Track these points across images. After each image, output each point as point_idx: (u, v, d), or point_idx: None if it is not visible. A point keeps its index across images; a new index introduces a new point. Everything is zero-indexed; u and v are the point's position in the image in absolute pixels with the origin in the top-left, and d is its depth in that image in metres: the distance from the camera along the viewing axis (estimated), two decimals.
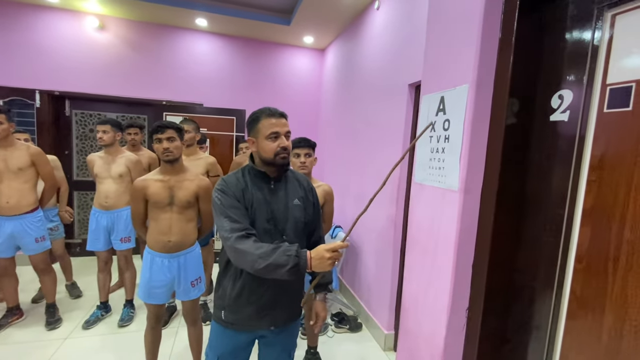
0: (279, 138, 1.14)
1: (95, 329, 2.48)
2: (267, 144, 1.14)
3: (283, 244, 1.04)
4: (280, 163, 1.16)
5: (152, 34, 3.70)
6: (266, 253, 1.00)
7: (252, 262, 1.01)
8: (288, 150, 1.17)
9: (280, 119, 1.16)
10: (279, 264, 0.98)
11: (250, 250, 1.01)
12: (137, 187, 1.75)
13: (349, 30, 3.37)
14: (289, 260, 0.99)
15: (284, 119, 1.18)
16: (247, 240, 1.04)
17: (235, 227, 1.06)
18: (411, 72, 2.16)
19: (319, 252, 1.00)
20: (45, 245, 2.44)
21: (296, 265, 0.99)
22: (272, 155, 1.14)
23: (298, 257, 1.00)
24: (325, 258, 0.99)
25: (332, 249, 1.00)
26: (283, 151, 1.15)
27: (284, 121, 1.17)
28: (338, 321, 2.70)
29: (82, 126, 3.75)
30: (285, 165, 1.19)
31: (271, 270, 1.00)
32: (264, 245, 1.03)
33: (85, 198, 3.83)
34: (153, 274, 1.78)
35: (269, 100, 4.07)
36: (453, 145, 1.01)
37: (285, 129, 1.16)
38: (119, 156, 2.51)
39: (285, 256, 0.99)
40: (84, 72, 3.53)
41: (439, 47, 1.13)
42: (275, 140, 1.14)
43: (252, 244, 1.03)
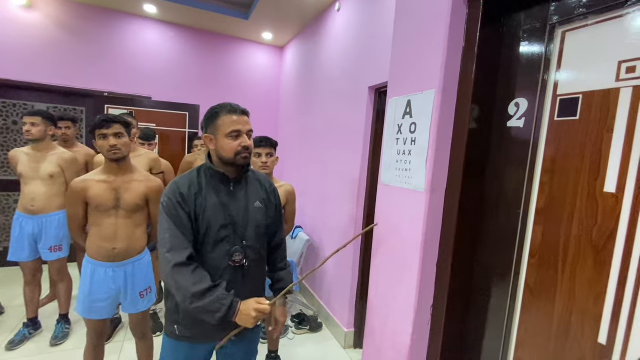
0: (240, 137, 1.08)
1: (21, 349, 2.17)
2: (228, 142, 1.07)
3: (218, 287, 1.02)
4: (241, 163, 1.10)
5: (92, 18, 3.33)
6: (199, 294, 0.98)
7: (184, 297, 0.99)
8: (250, 150, 1.11)
9: (242, 116, 1.10)
10: (210, 310, 0.98)
11: (185, 285, 0.99)
12: (76, 188, 1.55)
13: (310, 29, 3.35)
14: (220, 308, 0.98)
15: (246, 116, 1.11)
16: (186, 269, 1.00)
17: (176, 246, 1.02)
18: (372, 75, 2.20)
19: (248, 309, 1.01)
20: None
21: (225, 315, 0.99)
22: (232, 155, 1.08)
23: (230, 308, 0.99)
24: (251, 316, 1.00)
25: (260, 310, 1.01)
26: (244, 151, 1.08)
27: (246, 119, 1.11)
28: (299, 322, 2.67)
29: (3, 117, 3.25)
30: (246, 166, 1.13)
31: (200, 312, 0.99)
32: (199, 280, 1.00)
33: (7, 200, 3.33)
34: (94, 286, 1.59)
35: (225, 96, 3.90)
36: (419, 148, 1.04)
37: (248, 127, 1.10)
38: (50, 153, 2.21)
39: (219, 304, 0.99)
40: (7, 56, 3.07)
41: (405, 52, 1.15)
42: (237, 139, 1.07)
43: (189, 276, 1.00)
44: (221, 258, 1.08)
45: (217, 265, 1.09)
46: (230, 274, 1.11)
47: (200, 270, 1.02)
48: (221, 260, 1.09)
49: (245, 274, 1.14)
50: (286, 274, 1.33)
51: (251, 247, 1.15)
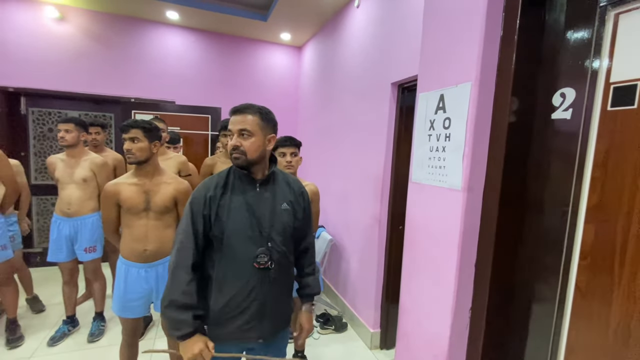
0: (232, 137, 1.08)
1: (62, 345, 2.27)
2: (226, 141, 1.12)
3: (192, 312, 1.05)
4: (235, 163, 1.10)
5: (119, 27, 3.45)
6: (178, 304, 1.04)
7: (166, 297, 1.05)
8: (241, 150, 1.07)
9: (234, 115, 1.09)
10: (174, 324, 1.04)
11: (173, 288, 1.05)
12: (109, 192, 1.60)
13: (328, 28, 3.33)
14: (181, 329, 1.03)
15: (238, 115, 1.08)
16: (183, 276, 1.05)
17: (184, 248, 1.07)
18: (395, 71, 2.15)
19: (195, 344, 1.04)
20: (7, 255, 2.20)
21: (180, 337, 1.04)
22: (230, 155, 1.10)
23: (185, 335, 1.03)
24: (190, 350, 1.03)
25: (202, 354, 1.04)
26: (233, 151, 1.08)
27: (238, 118, 1.08)
28: (323, 322, 2.66)
29: (40, 125, 3.43)
30: (242, 167, 1.10)
31: (166, 318, 1.06)
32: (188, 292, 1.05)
33: (45, 204, 3.51)
34: (128, 286, 1.64)
35: (245, 97, 3.94)
36: (455, 144, 0.99)
37: (238, 126, 1.07)
38: (83, 158, 2.30)
39: (183, 325, 1.03)
40: (42, 67, 3.23)
41: (436, 45, 1.11)
42: (231, 139, 1.09)
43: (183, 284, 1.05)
44: (246, 260, 1.08)
45: (243, 267, 1.09)
46: (256, 276, 1.10)
47: (194, 285, 1.07)
48: (246, 262, 1.08)
49: (271, 277, 1.12)
50: (313, 280, 1.30)
51: (277, 249, 1.13)
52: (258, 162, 1.11)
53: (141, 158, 1.57)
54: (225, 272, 1.10)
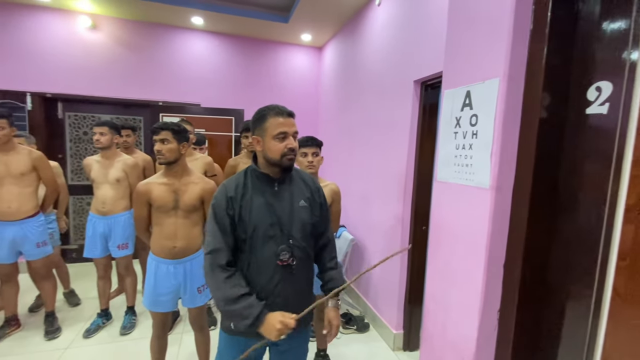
0: (286, 138, 1.09)
1: (96, 337, 2.40)
2: (274, 144, 1.09)
3: (253, 295, 1.06)
4: (287, 165, 1.12)
5: (147, 34, 3.61)
6: (232, 298, 1.04)
7: (218, 298, 1.06)
8: (295, 152, 1.12)
9: (289, 118, 1.11)
10: (240, 315, 1.03)
11: (221, 284, 1.05)
12: (140, 191, 1.68)
13: (348, 27, 3.33)
14: (249, 316, 1.02)
15: (292, 118, 1.13)
16: (224, 273, 1.07)
17: (216, 248, 1.09)
18: (417, 69, 2.12)
19: (274, 320, 1.03)
20: (47, 250, 2.36)
21: (253, 324, 1.03)
22: (278, 157, 1.10)
23: (257, 318, 1.03)
24: (275, 328, 1.01)
25: (284, 323, 1.02)
26: (290, 152, 1.10)
27: (292, 121, 1.12)
28: (345, 322, 2.66)
29: (75, 129, 3.64)
30: (290, 167, 1.14)
31: (230, 315, 1.07)
32: (235, 284, 1.05)
33: (80, 203, 3.72)
34: (158, 281, 1.71)
35: (267, 98, 4.01)
36: (482, 141, 0.97)
37: (294, 129, 1.11)
38: (116, 160, 2.42)
39: (248, 312, 1.03)
40: (76, 73, 3.42)
41: (462, 41, 1.09)
42: (283, 141, 1.09)
43: (227, 280, 1.06)
44: (269, 257, 1.11)
45: (266, 265, 1.12)
46: (279, 273, 1.13)
47: (237, 276, 1.08)
48: (270, 260, 1.11)
49: (293, 273, 1.15)
50: (337, 274, 1.31)
51: (298, 246, 1.15)
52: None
53: (171, 159, 1.64)
54: (250, 270, 1.13)
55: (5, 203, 2.16)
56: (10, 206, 2.18)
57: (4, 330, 2.32)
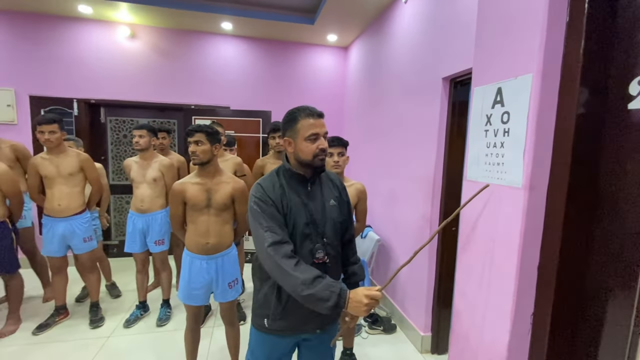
0: (318, 139, 1.11)
1: (135, 327, 2.56)
2: (306, 145, 1.10)
3: (325, 276, 1.02)
4: (318, 165, 1.13)
5: (180, 41, 3.79)
6: (309, 281, 0.99)
7: (293, 285, 1.00)
8: (326, 152, 1.14)
9: (319, 119, 1.12)
10: (321, 298, 0.98)
11: (293, 272, 1.00)
12: (176, 190, 1.77)
13: (374, 26, 3.31)
14: (331, 296, 0.98)
15: (322, 119, 1.14)
16: (290, 259, 1.03)
17: (277, 240, 1.05)
18: (446, 66, 2.07)
19: (358, 296, 0.99)
20: (92, 245, 2.56)
21: (336, 304, 0.98)
22: (310, 157, 1.11)
23: (339, 296, 0.98)
24: (362, 303, 0.98)
25: (371, 296, 0.98)
26: (322, 153, 1.12)
27: (323, 121, 1.13)
28: (372, 322, 2.65)
29: (116, 132, 3.90)
30: (322, 167, 1.16)
31: (311, 300, 0.99)
32: (306, 269, 1.02)
33: (120, 201, 3.98)
34: (192, 276, 1.80)
35: (293, 99, 4.07)
36: (515, 139, 0.94)
37: (324, 129, 1.13)
38: (153, 161, 2.57)
39: (329, 291, 0.98)
40: (117, 80, 3.66)
41: (492, 36, 1.06)
42: (315, 142, 1.10)
43: (295, 265, 1.02)
44: (306, 256, 1.12)
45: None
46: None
47: (303, 263, 1.05)
48: (306, 258, 1.12)
49: (327, 271, 1.16)
50: (358, 268, 1.34)
51: (330, 244, 1.18)
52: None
53: (204, 159, 1.72)
54: None
55: (56, 201, 2.37)
56: (60, 204, 2.37)
57: (54, 318, 2.53)
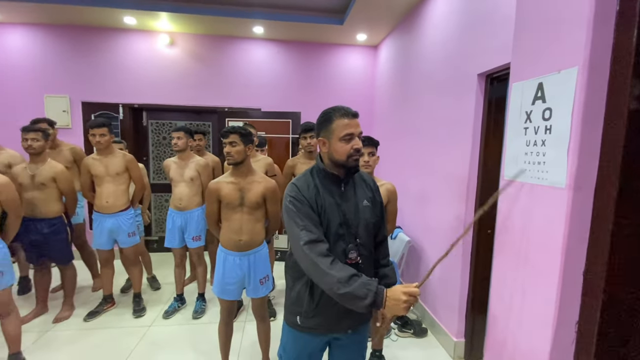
0: (352, 139, 1.10)
1: (173, 318, 2.71)
2: (341, 145, 1.10)
3: (361, 275, 1.02)
4: (352, 165, 1.13)
5: (214, 46, 3.95)
6: (345, 279, 0.98)
7: (330, 283, 1.00)
8: (361, 152, 1.13)
9: (354, 119, 1.12)
10: (358, 296, 0.97)
11: (329, 270, 1.00)
12: (212, 189, 1.86)
13: (405, 23, 3.25)
14: (368, 294, 0.97)
15: (357, 119, 1.13)
16: (326, 258, 1.03)
17: (313, 239, 1.05)
18: (481, 61, 2.00)
19: (396, 294, 0.97)
20: (136, 240, 2.74)
21: (373, 302, 0.97)
22: (345, 157, 1.11)
23: (376, 294, 0.98)
24: (401, 301, 0.96)
25: (410, 293, 0.96)
26: (356, 153, 1.11)
27: (357, 121, 1.13)
28: (401, 325, 2.61)
29: (156, 134, 4.14)
30: (356, 167, 1.15)
31: (348, 299, 0.99)
32: (342, 268, 1.02)
33: (160, 199, 4.22)
34: (226, 271, 1.88)
35: (323, 100, 4.10)
36: (557, 137, 0.89)
37: (359, 129, 1.12)
38: (190, 161, 2.71)
39: (365, 289, 0.98)
40: (157, 85, 3.90)
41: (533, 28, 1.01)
42: (349, 142, 1.10)
43: (332, 265, 1.01)
44: (339, 256, 1.12)
45: None
46: None
47: (338, 261, 1.05)
48: (339, 259, 1.11)
49: (359, 272, 1.14)
50: (390, 270, 1.31)
51: (363, 244, 1.17)
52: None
53: (238, 159, 1.79)
54: None
55: (104, 198, 2.57)
56: (108, 201, 2.57)
57: (102, 307, 2.74)
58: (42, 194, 2.44)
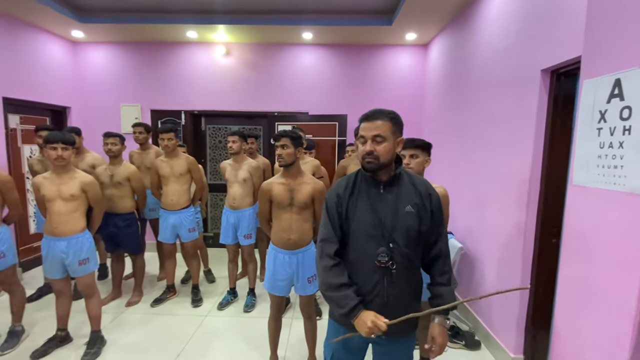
0: (365, 142, 1.13)
1: (226, 310, 2.89)
2: (359, 148, 1.17)
3: (353, 286, 1.14)
4: (367, 167, 1.14)
5: (265, 53, 4.15)
6: (334, 285, 1.14)
7: (322, 283, 1.19)
8: (374, 155, 1.11)
9: (367, 122, 1.14)
10: (338, 304, 1.13)
11: (326, 272, 1.17)
12: (264, 189, 1.96)
13: (458, 19, 3.11)
14: (345, 306, 1.10)
15: (373, 121, 1.12)
16: (330, 259, 1.17)
17: (325, 237, 1.21)
18: (546, 56, 1.84)
19: (365, 317, 1.08)
20: (195, 235, 2.99)
21: (347, 314, 1.10)
22: (361, 159, 1.16)
23: (352, 309, 1.10)
24: (365, 325, 1.07)
25: (375, 324, 1.05)
26: (367, 156, 1.12)
27: (373, 124, 1.12)
28: (452, 335, 2.49)
29: (213, 138, 4.46)
30: (374, 170, 1.14)
31: (330, 301, 1.18)
32: (338, 274, 1.15)
33: (215, 199, 4.53)
34: (276, 268, 1.97)
35: (371, 102, 4.08)
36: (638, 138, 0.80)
37: (371, 132, 1.11)
38: (243, 163, 2.88)
39: (345, 302, 1.11)
40: (213, 93, 4.20)
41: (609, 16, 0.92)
42: (363, 145, 1.14)
43: (332, 268, 1.16)
44: (368, 256, 1.14)
45: (365, 263, 1.15)
46: (377, 273, 1.14)
47: (341, 266, 1.17)
48: (368, 259, 1.14)
49: (392, 277, 1.14)
50: (446, 291, 1.21)
51: (399, 250, 1.14)
52: (388, 165, 1.16)
53: (289, 161, 1.87)
54: (352, 266, 1.19)
55: (169, 196, 2.83)
56: (172, 199, 2.83)
57: (165, 295, 3.01)
58: (118, 192, 2.77)
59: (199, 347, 2.39)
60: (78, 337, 2.41)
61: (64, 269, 2.19)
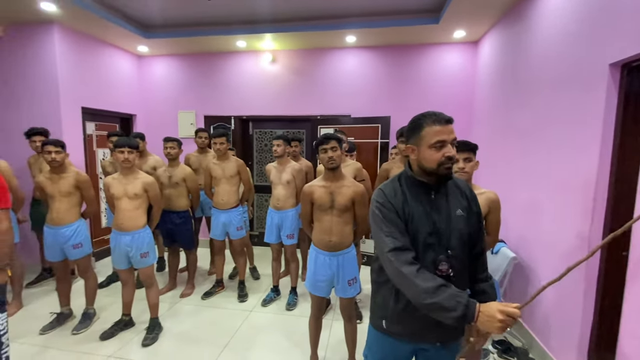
0: (444, 147, 1.05)
1: (270, 307, 3.00)
2: (431, 153, 1.05)
3: (451, 285, 0.98)
4: (444, 173, 1.07)
5: (309, 58, 4.25)
6: (432, 289, 0.96)
7: (415, 293, 1.00)
8: (453, 160, 1.06)
9: (447, 125, 1.06)
10: (446, 307, 0.94)
11: (414, 279, 0.99)
12: (306, 192, 2.01)
13: (512, 12, 2.91)
14: (457, 307, 0.93)
15: (450, 125, 1.07)
16: (412, 266, 1.02)
17: (398, 246, 1.05)
18: (615, 48, 1.66)
19: (491, 310, 0.91)
20: (242, 233, 3.16)
21: (464, 315, 0.92)
22: (435, 166, 1.06)
23: (467, 307, 0.93)
24: (496, 319, 0.90)
25: (507, 313, 0.89)
26: (448, 161, 1.05)
27: (451, 128, 1.06)
28: (502, 350, 2.33)
29: (259, 142, 4.66)
30: (448, 175, 1.08)
31: (435, 309, 0.96)
32: (428, 277, 1.00)
33: (260, 199, 4.72)
34: (317, 269, 2.00)
35: (415, 103, 3.97)
36: None
37: (452, 136, 1.06)
38: (287, 166, 2.97)
39: (455, 301, 0.94)
40: (260, 99, 4.40)
41: None
42: (440, 150, 1.04)
43: (418, 274, 1.00)
44: (428, 267, 1.08)
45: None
46: None
47: (425, 270, 1.03)
48: (428, 269, 1.06)
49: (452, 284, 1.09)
50: (489, 286, 1.19)
51: (456, 256, 1.10)
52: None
53: (339, 163, 1.92)
54: None
55: (220, 196, 3.03)
56: (223, 199, 3.02)
57: (215, 289, 3.21)
58: (175, 191, 3.02)
59: (244, 340, 2.51)
60: (139, 323, 2.67)
61: (128, 261, 2.45)
